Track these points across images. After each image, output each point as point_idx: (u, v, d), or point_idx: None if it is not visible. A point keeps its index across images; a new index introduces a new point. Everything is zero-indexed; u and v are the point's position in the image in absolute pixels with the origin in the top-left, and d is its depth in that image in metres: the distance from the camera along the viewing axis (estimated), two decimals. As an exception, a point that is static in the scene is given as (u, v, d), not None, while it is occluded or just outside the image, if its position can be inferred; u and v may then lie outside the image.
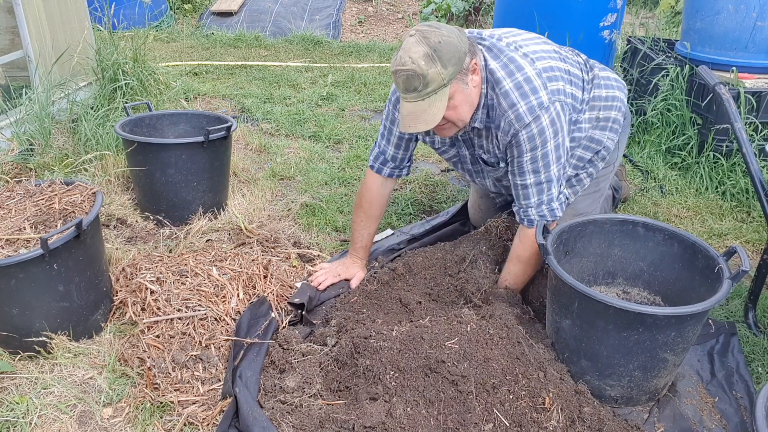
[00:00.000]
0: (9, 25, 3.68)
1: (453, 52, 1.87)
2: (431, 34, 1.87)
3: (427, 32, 1.88)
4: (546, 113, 1.98)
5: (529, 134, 1.99)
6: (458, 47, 1.89)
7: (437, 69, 1.86)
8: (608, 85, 2.29)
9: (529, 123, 1.98)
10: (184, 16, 7.32)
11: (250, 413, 1.74)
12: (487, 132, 2.15)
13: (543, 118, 1.98)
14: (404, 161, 2.39)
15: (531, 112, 1.97)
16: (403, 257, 2.48)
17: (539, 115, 1.97)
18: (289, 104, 4.56)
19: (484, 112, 2.08)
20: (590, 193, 2.44)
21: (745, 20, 3.24)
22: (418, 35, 1.88)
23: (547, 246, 1.86)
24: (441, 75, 1.87)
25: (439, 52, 1.85)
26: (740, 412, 1.89)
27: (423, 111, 1.92)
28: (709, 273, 1.89)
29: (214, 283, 2.27)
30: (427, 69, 1.85)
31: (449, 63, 1.87)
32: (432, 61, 1.85)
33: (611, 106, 2.27)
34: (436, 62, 1.85)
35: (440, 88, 1.89)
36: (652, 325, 1.71)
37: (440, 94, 1.90)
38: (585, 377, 1.87)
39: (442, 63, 1.86)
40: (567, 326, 1.86)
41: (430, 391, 1.73)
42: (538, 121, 1.97)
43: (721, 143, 3.29)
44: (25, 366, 2.00)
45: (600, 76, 2.29)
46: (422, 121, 1.94)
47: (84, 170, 3.07)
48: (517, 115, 1.98)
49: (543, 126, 1.98)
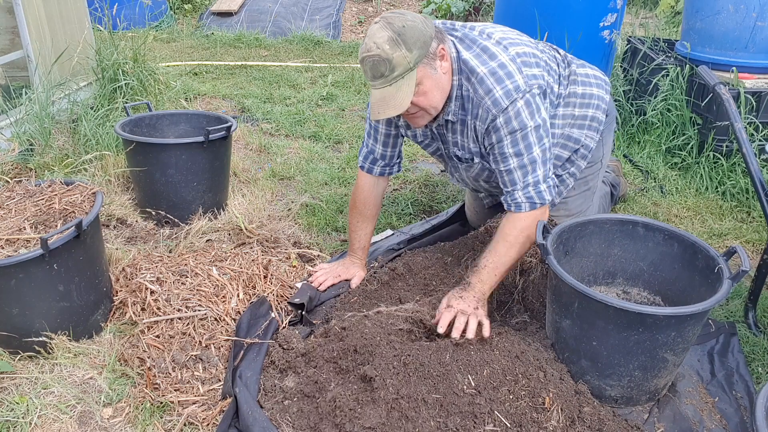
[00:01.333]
0: (9, 25, 3.68)
1: (417, 36, 1.88)
2: (395, 20, 1.88)
3: (391, 18, 1.89)
4: (521, 96, 1.97)
5: (506, 118, 1.97)
6: (423, 31, 1.89)
7: (402, 52, 1.86)
8: (586, 82, 2.28)
9: (507, 107, 1.96)
10: (184, 16, 7.32)
11: (250, 413, 1.74)
12: (462, 126, 2.13)
13: (519, 101, 1.97)
14: (394, 158, 2.39)
15: (507, 96, 1.96)
16: (403, 257, 2.48)
17: (516, 98, 1.96)
18: (289, 104, 4.56)
19: (457, 104, 2.07)
20: (581, 192, 2.44)
21: (745, 20, 3.24)
22: (383, 21, 1.90)
23: (548, 246, 1.86)
24: (406, 58, 1.87)
25: (403, 36, 1.86)
26: (740, 412, 1.89)
27: (391, 96, 1.91)
28: (709, 273, 1.89)
29: (214, 283, 2.27)
30: (391, 53, 1.86)
31: (414, 46, 1.87)
32: (396, 44, 1.86)
33: (588, 104, 2.26)
34: (400, 45, 1.86)
35: (406, 72, 1.89)
36: (652, 325, 1.71)
37: (407, 78, 1.90)
38: (585, 377, 1.87)
39: (406, 46, 1.86)
40: (567, 326, 1.86)
41: (430, 392, 1.73)
42: (514, 104, 1.96)
43: (721, 143, 3.29)
44: (25, 366, 2.00)
45: (577, 73, 2.28)
46: (391, 107, 1.93)
47: (84, 170, 3.07)
48: (494, 101, 1.97)
49: (519, 108, 1.97)
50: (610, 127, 2.41)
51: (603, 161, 2.45)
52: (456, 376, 1.75)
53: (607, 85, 2.37)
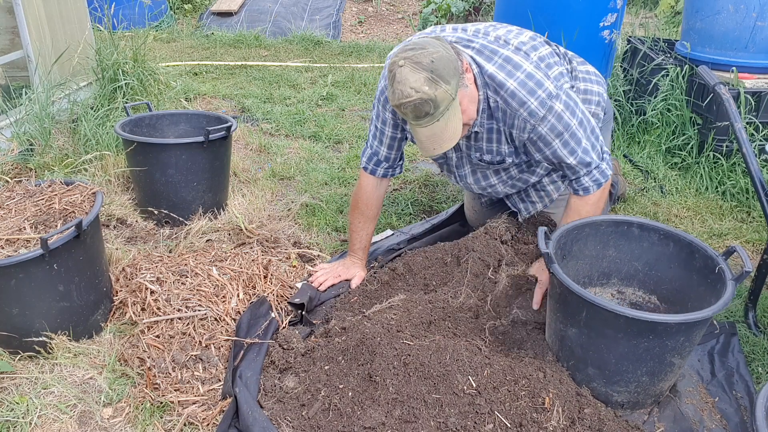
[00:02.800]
0: (9, 25, 3.68)
1: (447, 64, 1.86)
2: (421, 57, 1.84)
3: (415, 57, 1.85)
4: (557, 100, 1.99)
5: (550, 125, 2.01)
6: (449, 57, 1.88)
7: (443, 88, 1.84)
8: (587, 78, 2.30)
9: (545, 115, 1.99)
10: (184, 16, 7.32)
11: (250, 413, 1.74)
12: (489, 134, 2.15)
13: (556, 106, 1.99)
14: (397, 160, 2.40)
15: (543, 105, 1.98)
16: (403, 257, 2.48)
17: (552, 105, 1.98)
18: (289, 104, 4.56)
19: (484, 115, 2.08)
20: None
21: (745, 20, 3.24)
22: (408, 63, 1.84)
23: (552, 254, 1.84)
24: (448, 92, 1.85)
25: (437, 72, 1.83)
26: (740, 412, 1.89)
27: (442, 131, 1.91)
28: (707, 272, 1.89)
29: (214, 283, 2.27)
30: (433, 92, 1.83)
31: (450, 77, 1.86)
32: (435, 83, 1.83)
33: (590, 101, 2.29)
34: (439, 83, 1.84)
35: (450, 103, 1.88)
36: (662, 333, 1.70)
37: (452, 108, 1.89)
38: (591, 384, 1.85)
39: (444, 80, 1.84)
40: (573, 335, 1.84)
41: (430, 392, 1.73)
42: (552, 110, 1.99)
43: (721, 143, 3.29)
44: (25, 366, 2.00)
45: (579, 69, 2.30)
46: (446, 140, 1.93)
47: (84, 170, 3.07)
48: (530, 112, 1.99)
49: (559, 113, 2.00)
50: (607, 124, 2.42)
51: None
52: (456, 377, 1.75)
53: (604, 83, 2.39)
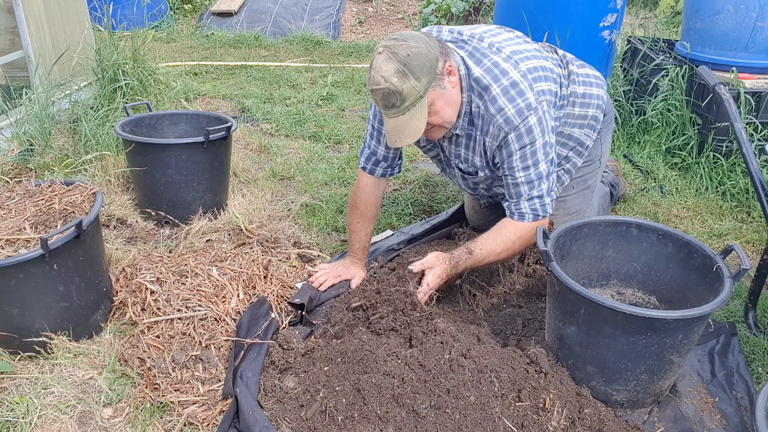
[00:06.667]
0: (9, 25, 3.68)
1: (423, 62, 1.87)
2: (399, 49, 1.86)
3: (394, 47, 1.87)
4: (534, 113, 1.99)
5: (518, 134, 2.01)
6: (428, 55, 1.89)
7: (411, 83, 1.86)
8: (586, 82, 2.30)
9: (518, 125, 1.99)
10: (184, 16, 7.32)
11: (251, 413, 1.74)
12: (467, 140, 2.15)
13: (531, 118, 1.99)
14: (396, 159, 2.40)
15: (519, 114, 1.98)
16: (402, 257, 2.48)
17: (527, 116, 1.99)
18: (289, 104, 4.56)
19: (466, 119, 2.09)
20: (580, 191, 2.45)
21: (745, 20, 3.24)
22: (386, 52, 1.87)
23: (550, 253, 1.85)
24: (416, 88, 1.87)
25: (409, 66, 1.85)
26: (740, 412, 1.89)
27: (405, 125, 1.94)
28: (706, 272, 1.89)
29: (214, 284, 2.27)
30: (400, 85, 1.86)
31: (422, 74, 1.87)
32: (404, 75, 1.85)
33: (589, 104, 2.28)
34: (408, 76, 1.86)
35: (417, 100, 1.90)
36: (660, 329, 1.70)
37: (419, 105, 1.91)
38: (591, 383, 1.85)
39: (414, 76, 1.86)
40: (572, 333, 1.84)
41: (431, 393, 1.73)
42: (526, 121, 1.99)
43: (721, 143, 3.29)
44: (25, 366, 2.00)
45: (576, 73, 2.30)
46: (407, 135, 1.96)
47: (84, 170, 3.07)
48: (506, 119, 1.99)
49: (531, 125, 2.00)
50: (608, 126, 2.42)
51: (602, 160, 2.46)
52: (456, 377, 1.75)
53: (604, 84, 2.39)
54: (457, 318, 2.18)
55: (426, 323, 1.93)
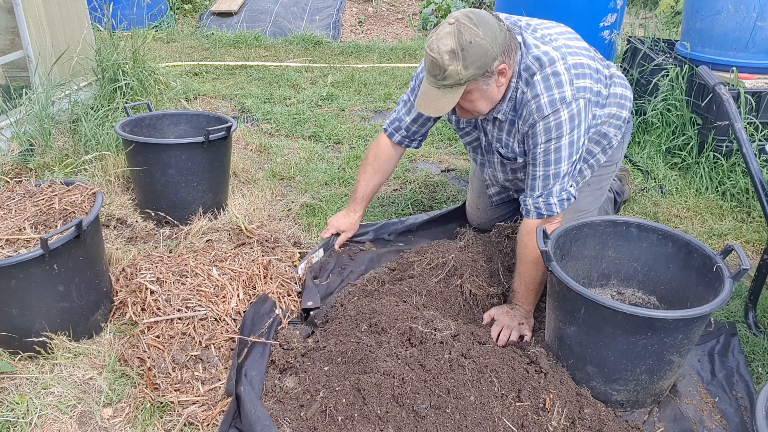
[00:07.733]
0: (9, 25, 3.68)
1: (480, 56, 1.89)
2: (466, 31, 1.87)
3: (464, 27, 1.88)
4: (567, 108, 1.99)
5: (546, 126, 2.01)
6: (487, 51, 1.89)
7: (457, 68, 1.88)
8: (622, 84, 2.32)
9: (548, 115, 1.99)
10: (184, 16, 7.31)
11: (253, 412, 1.74)
12: (510, 126, 2.17)
13: (563, 112, 1.99)
14: (417, 134, 2.45)
15: (552, 104, 1.98)
16: (402, 257, 2.49)
17: (559, 108, 1.98)
18: (289, 104, 4.56)
19: (510, 105, 2.10)
20: (593, 191, 2.45)
21: (745, 20, 3.24)
22: (456, 25, 1.89)
23: (550, 252, 1.85)
24: (459, 74, 1.89)
25: (465, 52, 1.87)
26: (740, 412, 1.89)
27: (435, 99, 1.97)
28: (706, 272, 1.89)
29: (214, 284, 2.27)
30: (447, 64, 1.88)
31: (472, 66, 1.89)
32: (455, 58, 1.88)
33: (623, 105, 2.30)
34: (459, 61, 1.88)
35: (456, 84, 1.92)
36: (660, 329, 1.70)
37: (455, 89, 1.94)
38: (591, 383, 1.86)
39: (464, 64, 1.88)
40: (572, 333, 1.84)
41: (431, 393, 1.73)
42: (557, 114, 1.99)
43: (721, 143, 3.29)
44: (25, 366, 2.00)
45: (616, 75, 2.32)
46: (431, 108, 2.00)
47: (84, 170, 3.07)
48: (537, 105, 2.00)
49: (561, 120, 1.99)
50: (629, 128, 2.44)
51: (618, 164, 2.49)
52: (456, 377, 1.75)
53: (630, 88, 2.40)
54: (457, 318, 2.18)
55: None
